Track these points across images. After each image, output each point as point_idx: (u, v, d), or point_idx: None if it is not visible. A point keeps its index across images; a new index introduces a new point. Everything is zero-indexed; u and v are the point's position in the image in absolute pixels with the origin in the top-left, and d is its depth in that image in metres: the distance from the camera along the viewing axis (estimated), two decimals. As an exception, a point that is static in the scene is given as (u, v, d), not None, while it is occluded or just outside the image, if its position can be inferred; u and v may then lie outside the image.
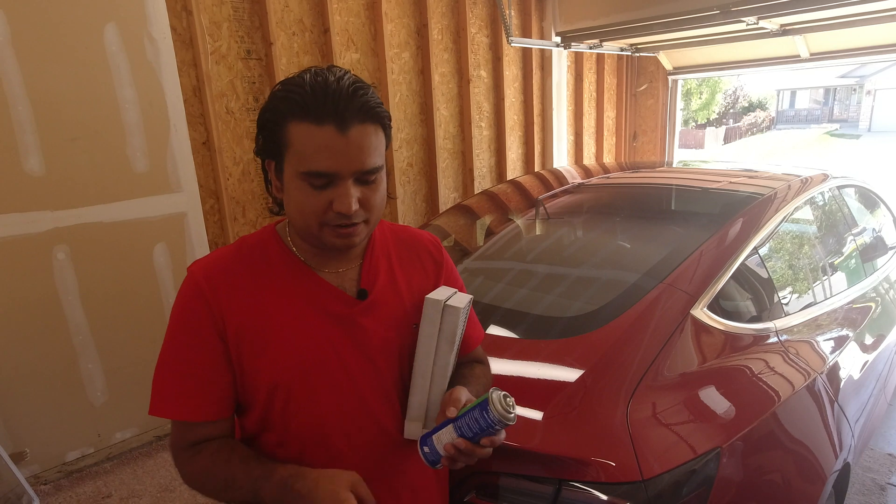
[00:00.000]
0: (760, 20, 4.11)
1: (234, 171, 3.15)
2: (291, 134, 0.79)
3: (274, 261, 0.90)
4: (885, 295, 2.24)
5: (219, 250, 0.92)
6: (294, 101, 0.78)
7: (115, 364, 2.60)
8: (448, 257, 1.07)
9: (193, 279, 0.86)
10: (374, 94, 0.82)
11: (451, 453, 0.82)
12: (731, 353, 1.39)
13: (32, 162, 2.28)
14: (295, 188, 0.81)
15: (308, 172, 0.79)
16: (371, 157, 0.80)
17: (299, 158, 0.79)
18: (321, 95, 0.77)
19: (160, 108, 2.60)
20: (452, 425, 0.82)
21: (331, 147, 0.77)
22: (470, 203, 2.50)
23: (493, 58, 4.57)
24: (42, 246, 2.34)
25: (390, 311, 0.93)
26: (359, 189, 0.81)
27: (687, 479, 1.08)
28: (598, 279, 1.68)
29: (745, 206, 1.79)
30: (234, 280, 0.87)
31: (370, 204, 0.84)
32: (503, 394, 0.81)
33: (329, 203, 0.80)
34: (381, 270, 0.95)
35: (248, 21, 3.09)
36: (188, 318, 0.86)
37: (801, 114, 34.42)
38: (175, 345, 0.87)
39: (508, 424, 0.79)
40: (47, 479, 2.45)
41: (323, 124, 0.77)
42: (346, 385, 0.89)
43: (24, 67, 2.22)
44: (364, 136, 0.79)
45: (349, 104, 0.77)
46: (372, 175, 0.82)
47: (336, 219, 0.81)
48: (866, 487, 2.26)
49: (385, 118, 0.84)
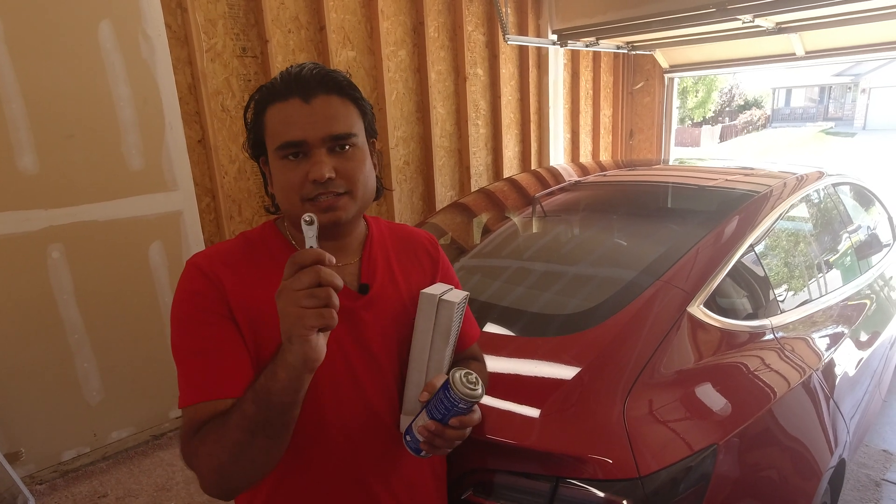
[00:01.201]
0: (756, 18, 4.12)
1: (229, 170, 3.14)
2: (267, 119, 0.85)
3: (275, 253, 0.90)
4: (880, 292, 2.25)
5: (219, 243, 0.91)
6: (265, 90, 0.86)
7: (111, 363, 2.59)
8: (444, 255, 1.08)
9: (195, 266, 0.85)
10: (343, 76, 0.86)
11: (425, 436, 0.84)
12: (728, 350, 1.40)
13: (26, 160, 2.26)
14: (277, 170, 0.85)
15: (280, 146, 0.83)
16: (338, 123, 0.83)
17: (273, 137, 0.84)
18: (287, 78, 0.84)
19: (155, 105, 2.58)
20: (425, 410, 0.84)
21: (297, 116, 0.82)
22: (466, 201, 2.50)
23: (489, 56, 4.57)
24: (36, 244, 2.33)
25: (390, 306, 0.94)
26: (333, 158, 0.83)
27: (684, 475, 1.08)
28: (594, 277, 1.68)
29: (742, 203, 1.79)
30: (237, 270, 0.86)
31: (348, 174, 0.84)
32: (464, 371, 0.82)
33: (305, 175, 0.82)
34: (380, 266, 0.96)
35: (244, 18, 3.08)
36: (196, 299, 0.82)
37: (797, 112, 34.52)
38: (188, 329, 0.81)
39: (474, 402, 0.81)
40: (43, 478, 2.44)
41: (289, 99, 0.83)
42: (346, 378, 0.89)
43: (17, 65, 2.20)
44: (328, 105, 0.83)
45: (312, 79, 0.83)
46: (343, 141, 0.84)
47: (313, 190, 0.82)
48: (861, 483, 2.27)
49: (355, 96, 0.87)
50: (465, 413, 0.83)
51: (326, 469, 0.89)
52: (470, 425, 0.85)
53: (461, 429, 0.85)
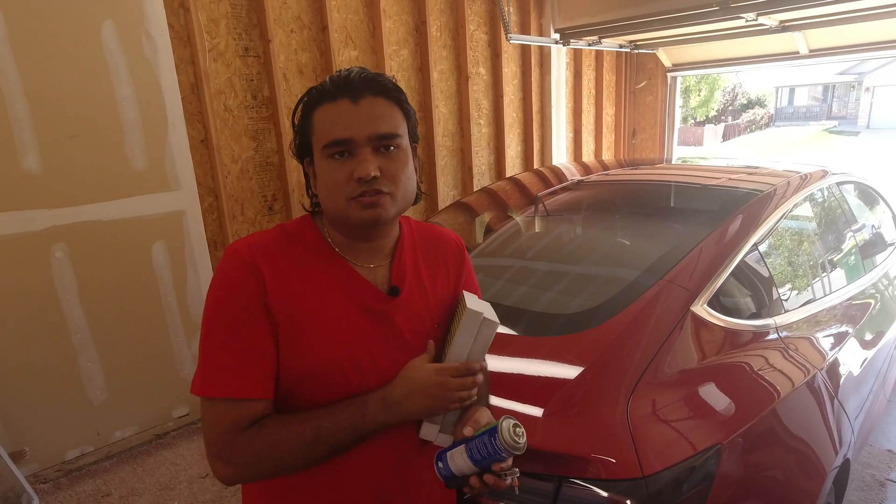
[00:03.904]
0: (759, 16, 4.11)
1: (232, 169, 3.14)
2: (315, 120, 0.87)
3: (312, 248, 0.91)
4: (885, 291, 2.24)
5: (258, 233, 0.92)
6: (315, 93, 0.88)
7: (115, 362, 2.59)
8: (469, 261, 1.10)
9: (238, 254, 0.85)
10: (390, 80, 0.89)
11: (477, 490, 0.85)
12: (732, 349, 1.39)
13: (30, 160, 2.27)
14: (322, 168, 0.87)
15: (328, 144, 0.85)
16: (384, 122, 0.86)
17: (320, 136, 0.86)
18: (337, 80, 0.87)
19: (158, 105, 2.59)
20: (465, 446, 0.85)
21: (345, 115, 0.84)
22: (469, 200, 2.49)
23: (491, 55, 4.56)
24: (40, 244, 2.33)
25: (417, 309, 0.96)
26: (378, 158, 0.85)
27: (687, 475, 1.08)
28: (598, 276, 1.68)
29: (745, 202, 1.79)
30: (276, 261, 0.87)
31: (392, 175, 0.86)
32: (513, 423, 0.84)
33: (350, 173, 0.84)
34: (409, 269, 0.97)
35: (246, 18, 3.08)
36: (236, 289, 0.83)
37: (800, 111, 34.40)
38: (223, 318, 0.83)
39: (516, 454, 0.82)
40: (47, 477, 2.45)
41: (337, 99, 0.85)
42: (373, 380, 0.90)
43: (21, 65, 2.21)
44: (375, 106, 0.86)
45: (362, 82, 0.86)
46: (388, 141, 0.86)
47: (358, 188, 0.84)
48: (866, 483, 2.27)
49: (400, 99, 0.89)
50: (504, 461, 0.84)
51: (347, 468, 0.91)
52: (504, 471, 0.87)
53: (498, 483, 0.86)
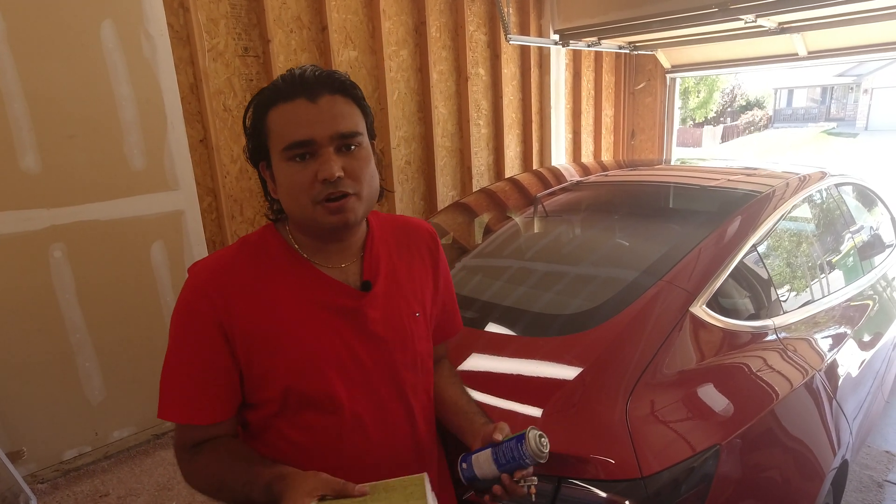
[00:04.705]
0: (758, 18, 4.11)
1: (231, 169, 3.14)
2: (270, 121, 0.84)
3: (277, 258, 0.90)
4: (883, 293, 2.25)
5: (220, 251, 0.92)
6: (267, 93, 0.85)
7: (113, 362, 2.59)
8: (443, 252, 1.09)
9: (196, 279, 0.86)
10: (346, 77, 0.87)
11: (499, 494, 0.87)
12: (730, 350, 1.39)
13: (28, 159, 2.27)
14: (282, 172, 0.84)
15: (288, 146, 0.82)
16: (344, 121, 0.84)
17: (279, 138, 0.83)
18: (290, 79, 0.84)
19: (157, 105, 2.58)
20: (492, 450, 0.88)
21: (303, 115, 0.82)
22: (468, 201, 2.49)
23: (491, 56, 4.56)
24: (39, 244, 2.33)
25: (394, 301, 0.96)
26: (341, 158, 0.83)
27: (686, 476, 1.08)
28: (596, 277, 1.68)
29: (744, 203, 1.79)
30: (239, 279, 0.87)
31: (356, 174, 0.85)
32: (539, 433, 0.87)
33: (314, 175, 0.82)
34: (382, 262, 0.97)
35: (246, 18, 3.08)
36: (192, 319, 0.85)
37: (799, 112, 34.44)
38: (180, 347, 0.86)
39: (539, 462, 0.85)
40: (44, 477, 2.44)
41: (294, 99, 0.82)
42: (357, 374, 0.91)
43: (20, 64, 2.20)
44: (334, 104, 0.84)
45: (317, 80, 0.84)
46: (350, 140, 0.84)
47: (323, 190, 0.82)
48: (864, 484, 2.27)
49: (357, 96, 0.87)
50: (526, 468, 0.86)
51: (342, 461, 0.91)
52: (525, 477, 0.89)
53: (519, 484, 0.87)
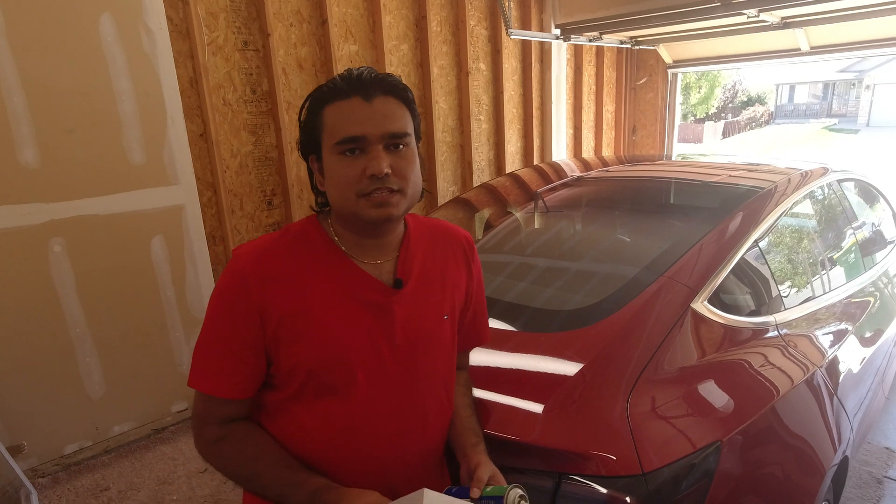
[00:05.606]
0: (761, 13, 4.10)
1: (231, 164, 3.13)
2: (325, 116, 0.88)
3: (315, 248, 0.94)
4: (884, 289, 2.24)
5: (263, 236, 0.95)
6: (325, 90, 0.89)
7: (113, 357, 2.59)
8: (478, 257, 1.12)
9: (238, 264, 0.89)
10: (400, 81, 0.92)
11: None
12: (731, 346, 1.39)
13: (28, 154, 2.26)
14: (332, 165, 0.88)
15: (340, 141, 0.86)
16: (397, 122, 0.88)
17: (332, 133, 0.87)
18: (348, 79, 0.88)
19: (157, 99, 2.57)
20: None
21: (358, 113, 0.86)
22: (469, 196, 2.49)
23: (492, 50, 4.54)
24: (38, 238, 2.32)
25: (423, 301, 0.98)
26: (389, 156, 0.87)
27: (687, 472, 1.08)
28: (597, 273, 1.67)
29: (746, 199, 1.78)
30: (277, 265, 0.90)
31: (402, 173, 0.88)
32: (520, 493, 0.85)
33: (363, 170, 0.86)
34: (416, 263, 0.99)
35: (245, 12, 3.06)
36: (230, 300, 0.89)
37: (800, 108, 34.36)
38: (216, 324, 0.90)
39: None
40: (45, 472, 2.45)
41: (350, 97, 0.87)
42: (377, 370, 0.93)
43: (18, 58, 2.19)
44: (388, 105, 0.88)
45: (373, 81, 0.88)
46: (399, 140, 0.88)
47: (370, 185, 0.85)
48: (863, 481, 2.27)
49: (408, 98, 0.91)
50: None
51: (350, 454, 0.93)
52: None
53: None
